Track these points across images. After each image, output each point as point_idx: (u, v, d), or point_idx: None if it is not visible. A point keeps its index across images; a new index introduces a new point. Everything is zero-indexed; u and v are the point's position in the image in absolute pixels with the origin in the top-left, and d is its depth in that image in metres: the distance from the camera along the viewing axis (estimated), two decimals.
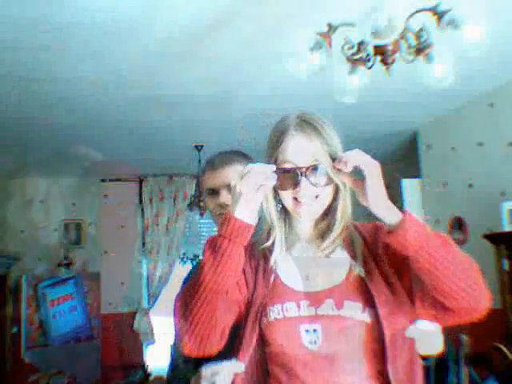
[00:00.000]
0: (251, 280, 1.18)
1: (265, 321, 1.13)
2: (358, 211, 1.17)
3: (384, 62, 2.08)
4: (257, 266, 1.20)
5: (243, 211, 1.06)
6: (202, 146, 4.74)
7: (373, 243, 1.17)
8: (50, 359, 5.12)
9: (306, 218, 1.18)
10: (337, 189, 1.15)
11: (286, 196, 1.14)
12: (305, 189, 1.11)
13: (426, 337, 1.15)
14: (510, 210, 3.39)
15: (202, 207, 4.68)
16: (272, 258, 1.17)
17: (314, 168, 1.10)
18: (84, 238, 5.86)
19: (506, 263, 3.32)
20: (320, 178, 1.11)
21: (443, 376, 2.33)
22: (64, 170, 5.49)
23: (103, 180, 5.91)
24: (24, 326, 5.20)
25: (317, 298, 1.12)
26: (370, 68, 2.14)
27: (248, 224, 1.06)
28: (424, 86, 2.17)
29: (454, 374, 2.37)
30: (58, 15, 2.51)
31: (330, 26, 2.13)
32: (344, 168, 1.06)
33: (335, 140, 1.15)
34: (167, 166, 5.65)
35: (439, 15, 1.96)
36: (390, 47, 2.03)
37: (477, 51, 2.00)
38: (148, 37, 2.79)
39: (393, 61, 2.07)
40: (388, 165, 2.31)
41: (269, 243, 1.18)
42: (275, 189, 1.14)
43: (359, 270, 1.13)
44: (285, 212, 1.20)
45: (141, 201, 5.97)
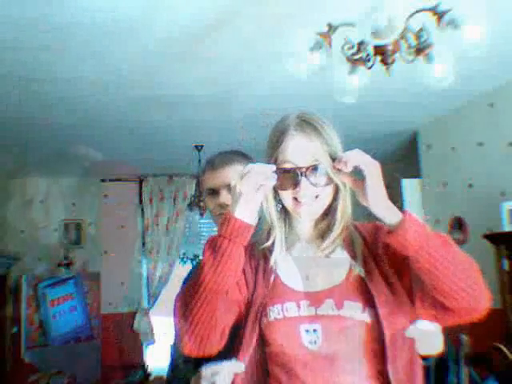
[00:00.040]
0: (251, 280, 1.18)
1: (265, 321, 1.13)
2: (358, 211, 1.17)
3: (384, 62, 2.08)
4: (257, 266, 1.20)
5: (243, 211, 1.06)
6: (202, 146, 4.74)
7: (373, 243, 1.17)
8: (50, 359, 5.12)
9: (306, 218, 1.18)
10: (337, 189, 1.15)
11: (286, 196, 1.14)
12: (305, 189, 1.11)
13: (426, 337, 1.15)
14: (510, 210, 3.39)
15: (202, 207, 4.68)
16: (272, 258, 1.17)
17: (314, 168, 1.10)
18: (84, 238, 5.86)
19: (506, 263, 3.32)
20: (320, 178, 1.11)
21: (443, 376, 2.33)
22: (64, 170, 5.49)
23: (103, 180, 5.91)
24: (24, 326, 5.20)
25: (317, 298, 1.12)
26: (370, 68, 2.14)
27: (248, 224, 1.06)
28: (424, 86, 2.17)
29: (454, 374, 2.37)
30: (58, 15, 2.52)
31: (330, 26, 2.13)
32: (344, 168, 1.06)
33: (335, 140, 1.15)
34: (167, 166, 5.65)
35: (439, 15, 1.96)
36: (390, 47, 2.03)
37: (477, 51, 2.00)
38: (148, 37, 2.79)
39: (393, 61, 2.07)
40: (388, 165, 2.31)
41: (269, 243, 1.18)
42: (275, 189, 1.14)
43: (359, 270, 1.13)
44: (285, 212, 1.20)
45: (141, 201, 5.97)
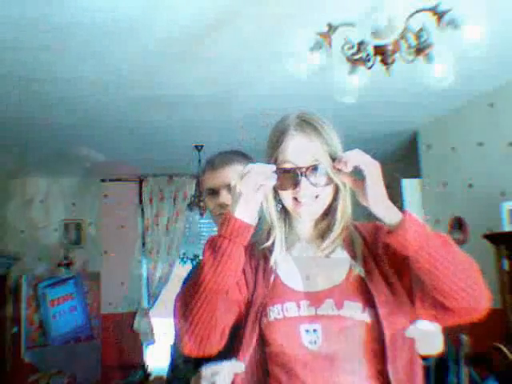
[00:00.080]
0: (251, 280, 1.18)
1: (265, 321, 1.13)
2: (358, 211, 1.17)
3: (384, 62, 2.08)
4: (257, 266, 1.20)
5: (243, 211, 1.06)
6: (202, 146, 4.74)
7: (373, 243, 1.17)
8: (50, 359, 5.12)
9: (306, 218, 1.18)
10: (337, 189, 1.15)
11: (286, 196, 1.14)
12: (305, 189, 1.11)
13: (426, 337, 1.15)
14: (510, 210, 3.39)
15: (202, 207, 4.68)
16: (272, 258, 1.17)
17: (314, 168, 1.10)
18: (84, 238, 5.86)
19: (506, 263, 3.32)
20: (320, 178, 1.11)
21: (443, 376, 2.33)
22: (64, 170, 5.49)
23: (103, 180, 5.91)
24: (24, 326, 5.20)
25: (317, 298, 1.12)
26: (370, 68, 2.14)
27: (248, 224, 1.06)
28: (424, 86, 2.17)
29: (454, 374, 2.37)
30: (58, 15, 2.52)
31: (330, 26, 2.13)
32: (344, 168, 1.06)
33: (335, 140, 1.15)
34: (167, 166, 5.65)
35: (439, 15, 1.96)
36: (390, 47, 2.03)
37: (477, 51, 2.00)
38: (148, 37, 2.79)
39: (393, 61, 2.07)
40: (388, 165, 2.31)
41: (269, 243, 1.18)
42: (275, 189, 1.14)
43: (359, 270, 1.13)
44: (285, 212, 1.20)
45: (141, 201, 5.97)
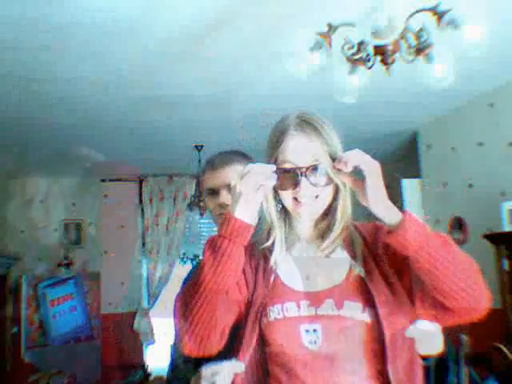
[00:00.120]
0: (251, 280, 1.18)
1: (265, 321, 1.13)
2: (358, 211, 1.17)
3: (384, 62, 2.08)
4: (257, 266, 1.20)
5: (243, 211, 1.06)
6: (202, 146, 4.74)
7: (373, 243, 1.17)
8: (50, 359, 5.12)
9: (306, 218, 1.18)
10: (337, 189, 1.15)
11: (286, 196, 1.14)
12: (305, 189, 1.11)
13: (426, 337, 1.15)
14: (510, 210, 3.39)
15: (202, 207, 4.68)
16: (272, 258, 1.17)
17: (314, 168, 1.10)
18: (84, 238, 5.86)
19: (506, 263, 3.32)
20: (320, 178, 1.11)
21: (443, 376, 2.33)
22: (64, 170, 5.49)
23: (103, 180, 5.91)
24: (24, 326, 5.20)
25: (317, 298, 1.12)
26: (370, 68, 2.14)
27: (248, 224, 1.06)
28: (424, 86, 2.17)
29: (454, 374, 2.37)
30: (58, 15, 2.51)
31: (330, 26, 2.13)
32: (344, 168, 1.06)
33: (335, 140, 1.15)
34: (167, 166, 5.65)
35: (439, 15, 1.96)
36: (390, 47, 2.03)
37: (477, 51, 2.00)
38: (148, 37, 2.79)
39: (393, 61, 2.07)
40: (388, 165, 2.31)
41: (269, 243, 1.18)
42: (275, 189, 1.14)
43: (359, 270, 1.13)
44: (285, 212, 1.20)
45: (141, 201, 5.97)
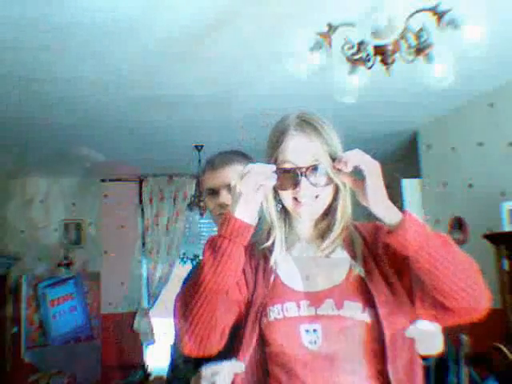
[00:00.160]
0: (251, 280, 1.18)
1: (265, 321, 1.13)
2: (358, 211, 1.17)
3: (384, 62, 2.07)
4: (257, 266, 1.20)
5: (243, 211, 1.06)
6: (202, 146, 4.74)
7: (373, 243, 1.17)
8: (50, 359, 5.12)
9: (306, 218, 1.18)
10: (337, 189, 1.15)
11: (286, 196, 1.14)
12: (305, 189, 1.11)
13: (426, 337, 1.15)
14: (510, 210, 3.39)
15: (202, 207, 4.68)
16: (272, 258, 1.17)
17: (314, 168, 1.10)
18: (84, 238, 5.86)
19: (506, 263, 3.32)
20: (320, 178, 1.10)
21: (443, 376, 2.33)
22: (64, 170, 5.49)
23: (103, 180, 5.91)
24: (24, 326, 5.20)
25: (317, 298, 1.12)
26: (370, 68, 2.14)
27: (248, 224, 1.06)
28: (424, 86, 2.17)
29: (454, 374, 2.37)
30: (58, 15, 2.51)
31: (330, 26, 2.13)
32: (344, 168, 1.06)
33: (335, 140, 1.15)
34: (167, 166, 5.65)
35: (439, 15, 1.96)
36: (390, 47, 2.03)
37: (477, 51, 2.00)
38: (148, 37, 2.79)
39: (393, 61, 2.07)
40: (388, 165, 2.30)
41: (269, 243, 1.18)
42: (275, 189, 1.14)
43: (359, 270, 1.13)
44: (285, 212, 1.20)
45: (141, 201, 5.97)
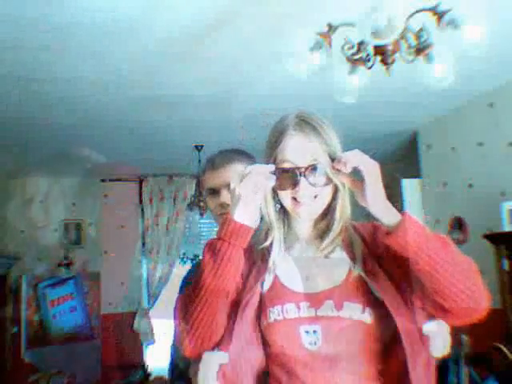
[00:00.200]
0: (245, 280, 1.17)
1: (265, 322, 1.12)
2: (357, 211, 1.16)
3: (384, 62, 2.07)
4: (252, 267, 1.19)
5: (242, 214, 1.06)
6: (202, 146, 4.74)
7: (372, 243, 1.17)
8: (50, 359, 5.12)
9: (305, 218, 1.17)
10: (336, 189, 1.14)
11: (285, 196, 1.14)
12: (304, 189, 1.10)
13: (438, 336, 1.13)
14: (510, 210, 3.39)
15: (202, 207, 4.68)
16: (271, 259, 1.17)
17: (313, 168, 1.10)
18: (84, 238, 5.86)
19: (506, 263, 3.32)
20: (319, 178, 1.10)
21: (443, 376, 2.32)
22: (64, 170, 5.49)
23: (103, 180, 5.91)
24: (24, 326, 5.20)
25: (317, 299, 1.11)
26: (370, 68, 2.14)
27: (247, 226, 1.07)
28: (424, 86, 2.17)
29: (454, 374, 2.37)
30: (58, 15, 2.51)
31: (330, 26, 2.13)
32: (343, 169, 1.06)
33: (334, 140, 1.14)
34: (167, 166, 5.65)
35: (439, 15, 1.96)
36: (390, 47, 2.03)
37: (477, 51, 2.00)
38: (148, 37, 2.79)
39: (393, 61, 2.07)
40: (388, 165, 2.31)
41: (267, 243, 1.18)
42: (274, 189, 1.14)
43: (359, 271, 1.13)
44: (283, 212, 1.19)
45: (141, 201, 5.97)
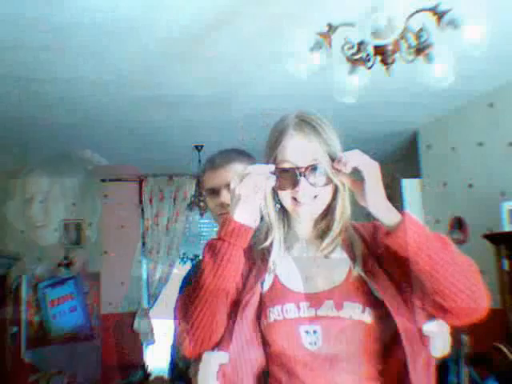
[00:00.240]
0: (245, 280, 1.17)
1: (265, 322, 1.12)
2: (358, 211, 1.16)
3: (384, 62, 2.07)
4: (252, 267, 1.19)
5: (242, 214, 1.06)
6: (202, 146, 4.74)
7: (372, 243, 1.17)
8: (50, 359, 5.13)
9: (306, 218, 1.17)
10: (336, 189, 1.14)
11: (285, 196, 1.14)
12: (304, 189, 1.10)
13: (439, 336, 1.14)
14: (510, 210, 3.39)
15: (202, 207, 4.68)
16: (271, 259, 1.17)
17: (313, 168, 1.10)
18: (84, 238, 5.85)
19: (506, 263, 3.32)
20: (319, 178, 1.10)
21: (443, 376, 2.32)
22: (64, 170, 5.49)
23: (103, 180, 5.91)
24: (24, 326, 5.20)
25: (317, 299, 1.11)
26: (370, 68, 2.14)
27: (247, 226, 1.07)
28: (424, 86, 2.17)
29: (454, 374, 2.37)
30: (58, 15, 2.51)
31: (330, 26, 2.13)
32: (343, 169, 1.06)
33: (334, 140, 1.14)
34: (167, 166, 5.65)
35: (439, 15, 1.95)
36: (390, 47, 2.02)
37: (477, 51, 2.00)
38: (148, 37, 2.79)
39: (393, 61, 2.07)
40: (388, 165, 2.31)
41: (267, 243, 1.18)
42: (274, 189, 1.14)
43: (359, 271, 1.13)
44: (283, 212, 1.19)
45: (141, 201, 5.96)
